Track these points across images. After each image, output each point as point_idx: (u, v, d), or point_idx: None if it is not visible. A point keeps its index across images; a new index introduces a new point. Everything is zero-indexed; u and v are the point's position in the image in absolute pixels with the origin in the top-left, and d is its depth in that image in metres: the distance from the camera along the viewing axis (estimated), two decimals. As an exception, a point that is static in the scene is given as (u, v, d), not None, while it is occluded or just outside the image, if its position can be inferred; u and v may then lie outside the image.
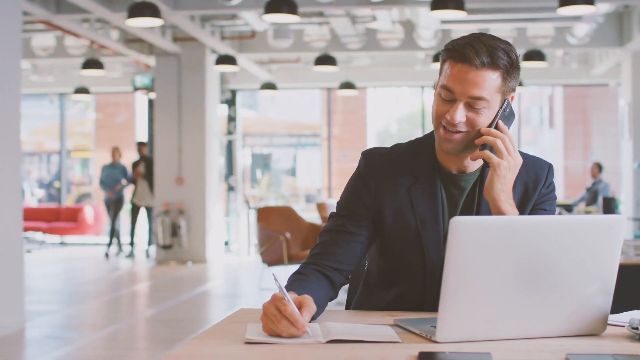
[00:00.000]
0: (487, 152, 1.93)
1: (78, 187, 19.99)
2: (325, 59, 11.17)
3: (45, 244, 15.09)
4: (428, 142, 2.10)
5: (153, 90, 12.67)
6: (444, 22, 10.15)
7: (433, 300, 1.93)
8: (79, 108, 20.01)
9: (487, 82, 1.90)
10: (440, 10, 7.63)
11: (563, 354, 1.53)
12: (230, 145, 14.25)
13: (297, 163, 19.85)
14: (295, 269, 2.03)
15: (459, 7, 7.55)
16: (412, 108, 20.60)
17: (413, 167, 2.07)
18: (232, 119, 14.30)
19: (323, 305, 1.91)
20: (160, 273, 10.81)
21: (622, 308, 1.99)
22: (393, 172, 2.07)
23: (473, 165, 2.06)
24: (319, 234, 2.09)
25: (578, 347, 1.61)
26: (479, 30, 10.40)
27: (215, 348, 1.60)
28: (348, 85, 12.96)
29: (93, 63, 11.23)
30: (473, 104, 1.92)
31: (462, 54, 1.90)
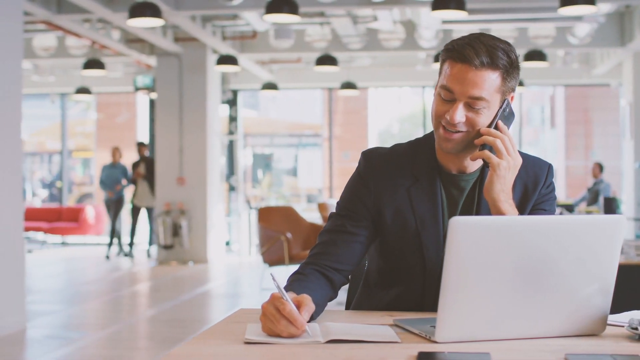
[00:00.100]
0: (486, 152, 1.93)
1: (79, 187, 20.00)
2: (327, 59, 11.17)
3: (47, 244, 15.10)
4: (428, 142, 2.10)
5: (154, 91, 12.68)
6: (445, 22, 10.14)
7: (433, 301, 1.93)
8: (80, 108, 20.03)
9: (486, 82, 1.90)
10: (441, 11, 7.63)
11: (562, 354, 1.53)
12: (232, 145, 14.25)
13: (298, 163, 19.86)
14: (295, 269, 2.03)
15: (460, 7, 7.55)
16: (413, 108, 20.60)
17: (413, 167, 2.07)
18: (233, 119, 14.30)
19: (322, 305, 1.91)
20: (161, 273, 10.82)
21: (622, 308, 1.99)
22: (393, 172, 2.07)
23: (473, 166, 2.06)
24: (319, 234, 2.09)
25: (577, 347, 1.61)
26: (480, 31, 10.38)
27: (215, 348, 1.60)
28: (349, 86, 12.95)
29: (94, 63, 11.24)
30: (473, 104, 1.92)
31: (461, 54, 1.90)
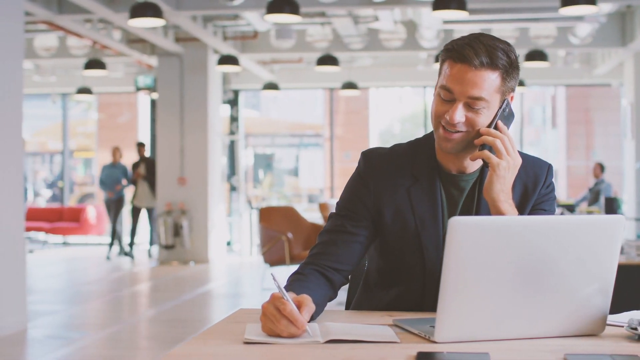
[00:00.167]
0: (486, 152, 1.93)
1: (80, 187, 20.02)
2: (328, 59, 11.17)
3: (48, 244, 15.11)
4: (428, 142, 2.10)
5: (155, 91, 12.69)
6: (446, 22, 10.14)
7: (432, 301, 1.93)
8: (82, 108, 20.04)
9: (486, 82, 1.90)
10: (442, 11, 7.63)
11: (562, 354, 1.53)
12: (233, 146, 14.25)
13: (299, 163, 19.87)
14: (295, 269, 2.04)
15: (461, 7, 7.55)
16: (414, 108, 20.59)
17: (413, 167, 2.07)
18: (234, 119, 14.30)
19: (322, 305, 1.91)
20: (163, 273, 10.82)
21: (622, 308, 1.99)
22: (393, 172, 2.07)
23: (473, 166, 2.05)
24: (319, 234, 2.09)
25: (577, 347, 1.61)
26: (481, 31, 10.36)
27: (214, 348, 1.60)
28: (350, 86, 12.95)
29: (95, 63, 11.24)
30: (472, 104, 1.92)
31: (461, 54, 1.90)
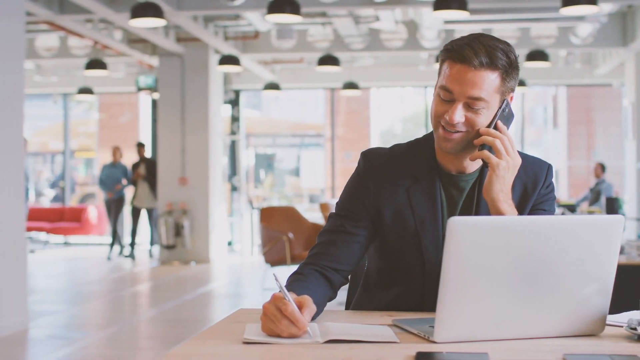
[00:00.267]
0: (486, 152, 1.93)
1: (82, 187, 20.03)
2: (329, 59, 11.17)
3: (49, 244, 15.11)
4: (427, 142, 2.10)
5: (156, 91, 12.69)
6: (447, 22, 10.14)
7: (432, 301, 1.92)
8: (83, 108, 20.05)
9: (485, 82, 1.90)
10: (443, 11, 7.63)
11: (561, 354, 1.53)
12: (234, 146, 14.25)
13: (300, 163, 19.87)
14: (295, 269, 2.04)
15: (462, 7, 7.55)
16: (416, 108, 20.59)
17: (412, 167, 2.07)
18: (235, 119, 14.31)
19: (322, 306, 1.91)
20: (164, 273, 10.83)
21: (623, 308, 1.99)
22: (392, 172, 2.06)
23: (472, 166, 2.05)
24: (318, 234, 2.09)
25: (576, 347, 1.61)
26: (483, 31, 10.34)
27: (214, 348, 1.61)
28: (351, 86, 12.95)
29: (96, 63, 11.25)
30: (472, 104, 1.92)
31: (460, 55, 1.90)
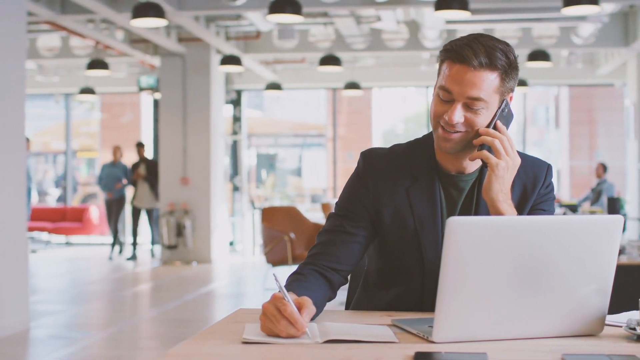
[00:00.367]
0: (485, 152, 1.93)
1: (84, 187, 20.03)
2: (330, 59, 11.18)
3: (51, 244, 15.12)
4: (427, 142, 2.10)
5: (158, 91, 12.70)
6: (449, 22, 10.14)
7: (432, 301, 1.92)
8: (85, 108, 20.06)
9: (485, 82, 1.89)
10: (445, 11, 7.63)
11: (559, 354, 1.53)
12: (235, 146, 14.26)
13: (302, 163, 19.86)
14: (294, 269, 2.04)
15: (463, 7, 7.55)
16: (418, 108, 20.59)
17: (412, 167, 2.07)
18: (237, 119, 14.31)
19: (321, 306, 1.92)
20: (165, 273, 10.83)
21: (624, 308, 1.99)
22: (392, 172, 2.07)
23: (472, 166, 2.05)
24: (318, 235, 2.09)
25: (575, 347, 1.61)
26: (484, 31, 10.31)
27: (213, 348, 1.61)
28: (353, 86, 12.95)
29: (98, 63, 11.26)
30: (471, 105, 1.92)
31: (460, 55, 1.90)
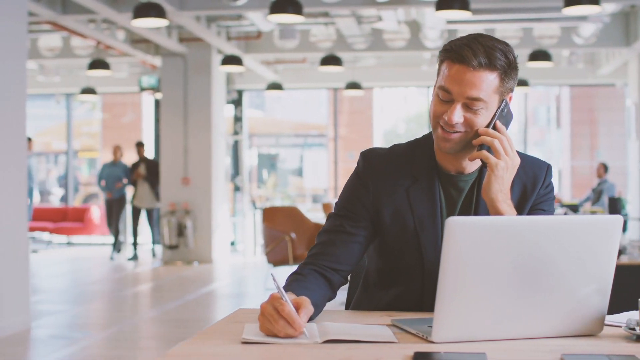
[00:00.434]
0: (484, 152, 1.93)
1: (85, 187, 20.04)
2: (331, 59, 11.18)
3: (52, 244, 15.13)
4: (427, 142, 2.10)
5: (159, 91, 12.70)
6: (450, 22, 10.14)
7: (432, 301, 1.92)
8: (86, 108, 20.07)
9: (484, 82, 1.89)
10: (445, 11, 7.63)
11: (559, 354, 1.53)
12: (237, 146, 14.27)
13: (303, 163, 19.87)
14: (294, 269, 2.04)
15: (464, 7, 7.55)
16: (419, 108, 20.59)
17: (412, 167, 2.07)
18: (238, 119, 14.32)
19: (321, 306, 1.92)
20: (166, 273, 10.84)
21: (624, 308, 1.99)
22: (392, 172, 2.07)
23: (471, 166, 2.06)
24: (318, 235, 2.09)
25: (574, 347, 1.61)
26: (485, 31, 10.27)
27: (212, 348, 1.61)
28: (354, 86, 12.95)
29: (99, 63, 11.26)
30: (470, 105, 1.92)
31: (459, 55, 1.90)
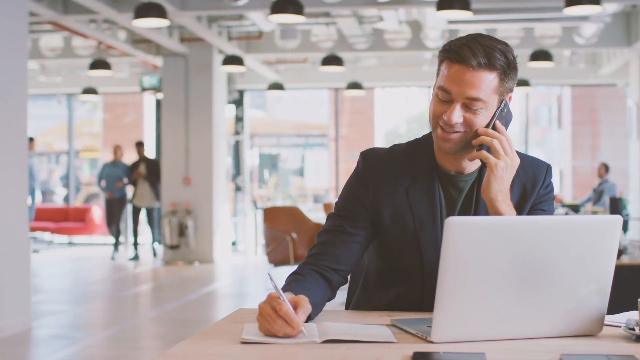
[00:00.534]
0: (484, 152, 1.93)
1: (86, 187, 20.06)
2: (333, 59, 11.18)
3: (54, 244, 15.13)
4: (427, 142, 2.10)
5: (160, 91, 12.70)
6: (451, 22, 10.13)
7: (431, 301, 1.92)
8: (87, 108, 20.10)
9: (484, 82, 1.89)
10: (446, 11, 7.63)
11: (558, 354, 1.53)
12: (238, 146, 14.27)
13: (305, 163, 19.88)
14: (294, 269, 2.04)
15: (465, 7, 7.54)
16: (420, 108, 20.59)
17: (412, 167, 2.07)
18: (239, 119, 14.32)
19: (320, 306, 1.92)
20: (168, 273, 10.84)
21: (625, 308, 1.99)
22: (391, 172, 2.07)
23: (471, 166, 2.05)
24: (317, 234, 2.09)
25: (573, 347, 1.60)
26: (486, 31, 10.24)
27: (212, 348, 1.61)
28: (355, 86, 12.95)
29: (101, 63, 11.27)
30: (470, 105, 1.92)
31: (458, 55, 1.90)
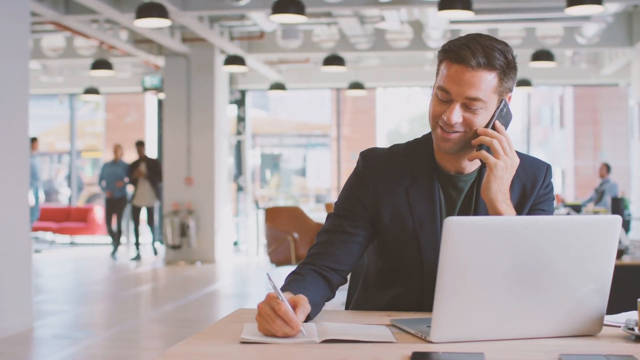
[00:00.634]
0: (483, 152, 1.93)
1: (88, 187, 20.07)
2: (334, 59, 11.18)
3: (55, 244, 15.14)
4: (426, 142, 2.10)
5: (162, 91, 12.71)
6: (453, 22, 10.13)
7: (431, 301, 1.91)
8: (89, 108, 20.11)
9: (483, 82, 1.89)
10: (448, 11, 7.63)
11: (557, 354, 1.53)
12: (240, 146, 14.27)
13: (306, 163, 19.89)
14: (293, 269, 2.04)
15: (467, 7, 7.54)
16: (422, 108, 20.59)
17: (411, 167, 2.07)
18: (241, 119, 14.32)
19: (319, 305, 1.92)
20: (169, 273, 10.84)
21: (625, 308, 1.99)
22: (391, 172, 2.07)
23: (471, 166, 2.05)
24: (317, 234, 2.09)
25: (573, 347, 1.60)
26: (488, 31, 10.23)
27: (211, 347, 1.61)
28: (357, 86, 12.96)
29: (102, 63, 11.27)
30: (469, 105, 1.92)
31: (458, 55, 1.90)
